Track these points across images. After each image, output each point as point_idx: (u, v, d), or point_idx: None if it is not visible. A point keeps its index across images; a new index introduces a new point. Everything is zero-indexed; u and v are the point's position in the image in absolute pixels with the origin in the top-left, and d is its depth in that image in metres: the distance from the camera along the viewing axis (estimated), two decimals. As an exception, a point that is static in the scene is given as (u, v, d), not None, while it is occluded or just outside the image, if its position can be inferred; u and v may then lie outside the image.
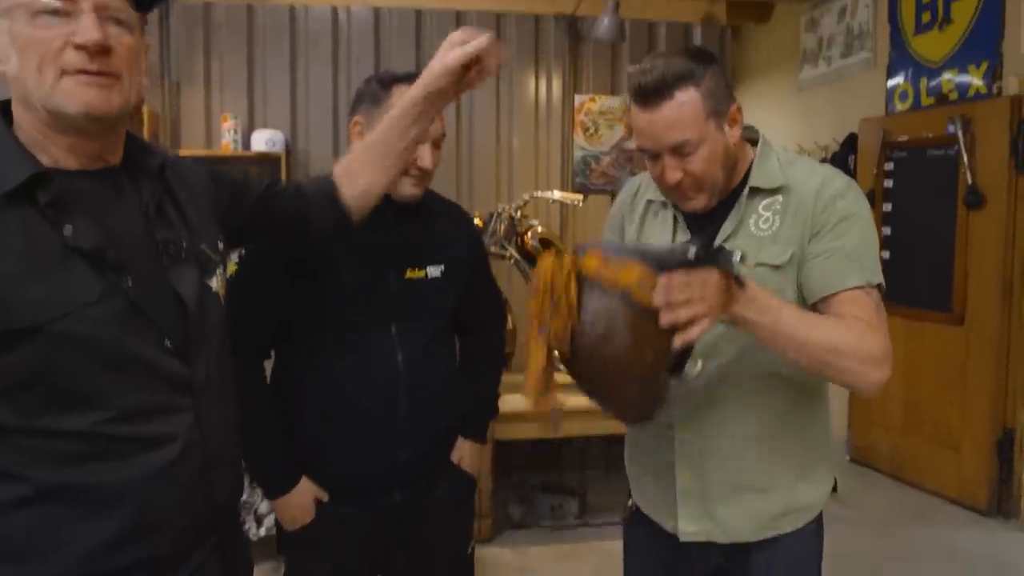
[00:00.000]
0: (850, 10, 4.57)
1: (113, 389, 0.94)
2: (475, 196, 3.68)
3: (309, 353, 1.62)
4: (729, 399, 1.30)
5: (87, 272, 0.91)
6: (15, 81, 0.93)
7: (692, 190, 1.26)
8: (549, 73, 3.76)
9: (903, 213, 3.98)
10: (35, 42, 0.91)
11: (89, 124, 0.95)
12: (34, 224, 0.89)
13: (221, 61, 3.56)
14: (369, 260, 1.60)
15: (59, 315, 0.89)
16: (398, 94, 1.55)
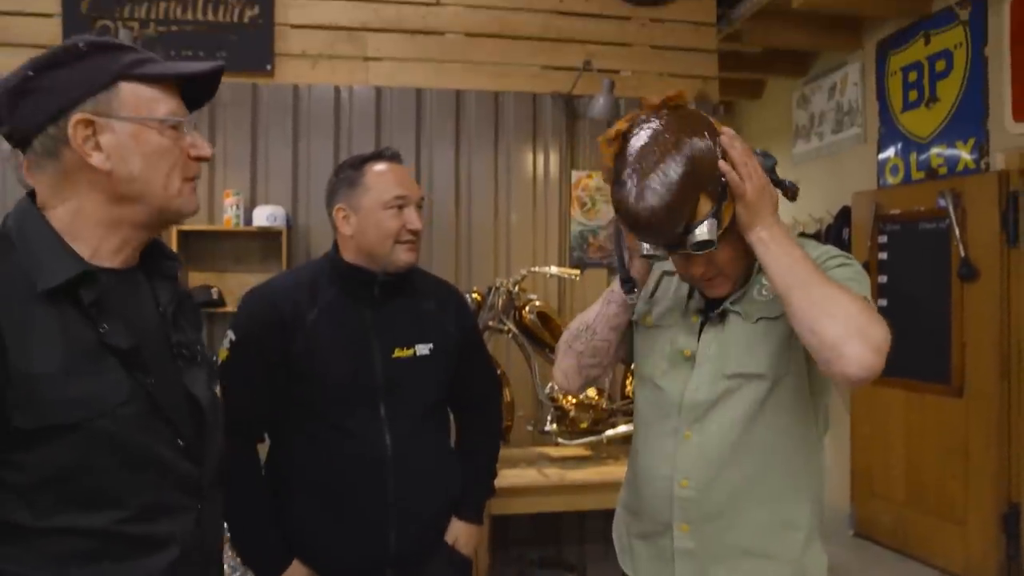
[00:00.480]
0: (839, 88, 4.71)
1: (131, 488, 0.95)
2: (473, 271, 3.71)
3: (299, 435, 1.63)
4: (735, 458, 1.31)
5: (119, 371, 0.94)
6: (121, 181, 0.97)
7: (716, 278, 1.32)
8: (547, 150, 3.83)
9: (898, 285, 4.01)
10: (168, 151, 0.99)
11: (174, 223, 1.06)
12: (72, 321, 0.92)
13: (225, 138, 3.64)
14: (356, 340, 1.62)
15: (96, 415, 0.91)
16: (370, 172, 1.65)
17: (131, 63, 0.98)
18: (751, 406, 1.30)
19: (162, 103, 0.99)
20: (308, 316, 1.61)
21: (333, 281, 1.67)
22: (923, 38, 4.01)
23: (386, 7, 3.78)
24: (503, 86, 3.82)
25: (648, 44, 3.97)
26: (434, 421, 1.75)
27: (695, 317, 1.40)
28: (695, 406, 1.33)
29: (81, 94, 0.95)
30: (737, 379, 1.31)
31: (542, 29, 3.87)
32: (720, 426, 1.31)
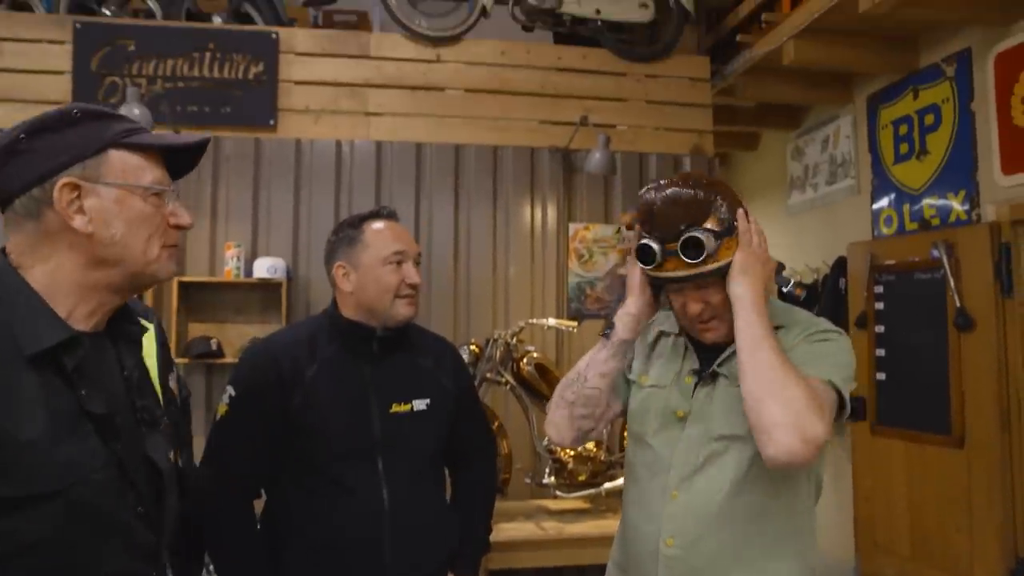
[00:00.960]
0: (832, 140, 4.79)
1: (98, 556, 0.94)
2: (472, 322, 3.73)
3: (297, 489, 1.64)
4: (720, 519, 1.32)
5: (95, 438, 0.94)
6: (101, 244, 0.98)
7: (712, 320, 1.36)
8: (544, 203, 3.89)
9: (895, 335, 4.02)
10: (150, 217, 1.02)
11: (147, 287, 1.07)
12: (54, 385, 0.92)
13: (228, 191, 3.70)
14: (354, 395, 1.65)
15: (77, 481, 0.91)
16: (368, 230, 1.69)
17: (121, 132, 1.02)
18: (737, 469, 1.32)
19: (147, 171, 1.02)
20: (307, 372, 1.63)
21: (332, 337, 1.69)
22: (912, 93, 4.10)
23: (388, 64, 3.88)
24: (502, 140, 3.90)
25: (644, 99, 4.07)
26: (431, 476, 1.76)
27: (688, 378, 1.43)
28: (683, 465, 1.36)
29: (70, 159, 0.97)
30: (723, 441, 1.33)
31: (540, 85, 3.97)
32: (707, 487, 1.33)
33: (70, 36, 3.68)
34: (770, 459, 1.18)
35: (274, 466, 1.65)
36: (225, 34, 3.81)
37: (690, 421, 1.38)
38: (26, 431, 0.88)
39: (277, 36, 3.83)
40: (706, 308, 1.35)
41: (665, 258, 1.32)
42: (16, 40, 3.67)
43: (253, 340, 3.48)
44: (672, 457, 1.37)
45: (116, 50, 3.71)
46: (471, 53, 3.95)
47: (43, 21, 3.74)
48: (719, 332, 1.38)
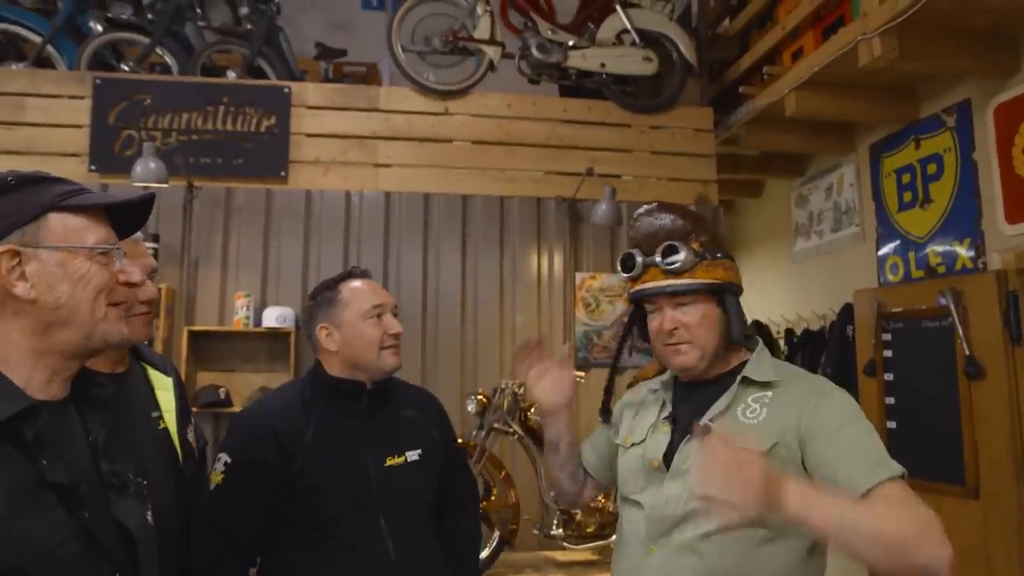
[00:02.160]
0: (836, 188, 4.84)
1: None
2: (479, 373, 3.74)
3: (298, 550, 1.64)
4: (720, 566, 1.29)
5: (57, 508, 0.91)
6: (47, 309, 0.96)
7: (684, 342, 1.38)
8: (551, 252, 3.93)
9: (905, 383, 4.00)
10: (96, 276, 0.99)
11: (111, 350, 1.03)
12: (11, 459, 0.89)
13: (239, 241, 3.76)
14: (351, 453, 1.66)
15: (36, 557, 0.88)
16: (345, 289, 1.74)
17: (60, 195, 1.00)
18: (718, 531, 1.22)
19: (91, 232, 1.01)
20: (305, 436, 1.65)
21: (322, 398, 1.71)
22: (913, 142, 4.15)
23: (396, 116, 3.97)
24: (508, 191, 3.96)
25: (648, 150, 4.14)
26: (429, 526, 1.78)
27: (664, 427, 1.43)
28: (662, 520, 1.34)
29: (7, 227, 0.96)
30: None
31: (546, 137, 4.04)
32: (684, 546, 1.30)
33: (90, 91, 3.79)
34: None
35: (273, 531, 1.65)
36: (238, 88, 3.91)
37: (670, 475, 1.36)
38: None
39: (289, 90, 3.93)
40: (679, 328, 1.38)
41: (645, 270, 1.41)
42: (39, 95, 3.77)
43: (262, 389, 3.49)
44: (652, 510, 1.36)
45: (133, 104, 3.81)
46: (478, 106, 4.03)
47: (65, 77, 3.86)
48: (689, 357, 1.39)
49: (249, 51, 4.13)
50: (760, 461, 1.06)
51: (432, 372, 3.72)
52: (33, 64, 3.98)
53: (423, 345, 3.76)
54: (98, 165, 3.76)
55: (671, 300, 1.39)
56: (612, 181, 3.93)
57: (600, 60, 4.04)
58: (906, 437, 3.95)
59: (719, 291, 1.41)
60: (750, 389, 1.38)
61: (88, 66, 3.94)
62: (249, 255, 3.75)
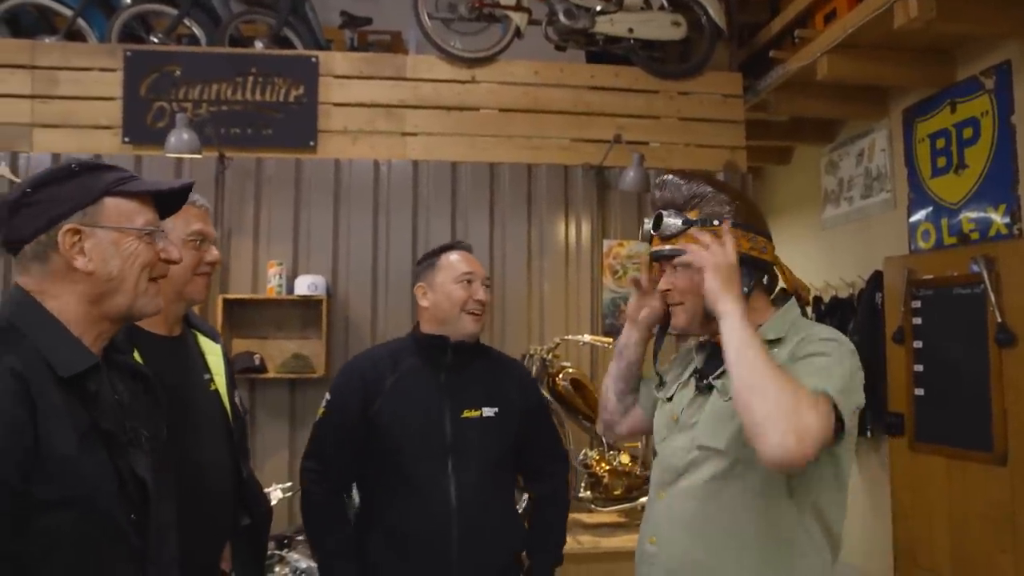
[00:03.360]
0: (867, 154, 4.77)
1: (104, 559, 1.05)
2: (507, 339, 3.78)
3: (378, 486, 1.87)
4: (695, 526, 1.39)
5: (102, 452, 1.08)
6: (101, 280, 1.11)
7: (676, 304, 1.48)
8: (578, 220, 3.94)
9: (934, 351, 3.97)
10: (143, 254, 1.14)
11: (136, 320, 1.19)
12: (75, 406, 1.05)
13: (270, 211, 3.81)
14: (429, 400, 1.86)
15: (95, 491, 1.03)
16: (444, 257, 1.95)
17: (115, 181, 1.15)
18: (711, 480, 1.38)
19: (140, 215, 1.16)
20: (388, 380, 1.90)
21: (413, 351, 1.96)
22: (949, 106, 4.07)
23: (423, 85, 3.97)
24: (536, 159, 3.96)
25: (676, 116, 4.10)
26: (499, 480, 1.93)
27: (691, 385, 1.53)
28: (669, 468, 1.45)
29: (71, 208, 1.11)
30: (704, 451, 1.40)
31: (573, 103, 4.02)
32: (685, 492, 1.41)
33: (121, 64, 3.84)
34: (765, 457, 1.19)
35: (362, 464, 1.90)
36: (267, 59, 3.93)
37: (678, 428, 1.47)
38: (62, 445, 1.01)
39: (317, 60, 3.94)
40: (672, 290, 1.47)
41: (651, 236, 1.50)
42: (71, 69, 3.83)
43: (295, 356, 3.58)
44: (664, 459, 1.48)
45: (163, 76, 3.85)
46: (505, 73, 4.02)
47: (96, 50, 3.90)
48: (680, 319, 1.49)
49: (275, 21, 4.13)
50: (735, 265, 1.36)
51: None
52: (64, 37, 4.03)
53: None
54: (131, 137, 3.81)
55: (670, 263, 1.47)
56: (640, 148, 3.91)
57: (628, 25, 3.99)
58: (934, 404, 3.94)
59: None
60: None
61: (118, 38, 3.97)
62: (280, 224, 3.80)
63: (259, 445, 3.61)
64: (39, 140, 3.78)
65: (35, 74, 3.81)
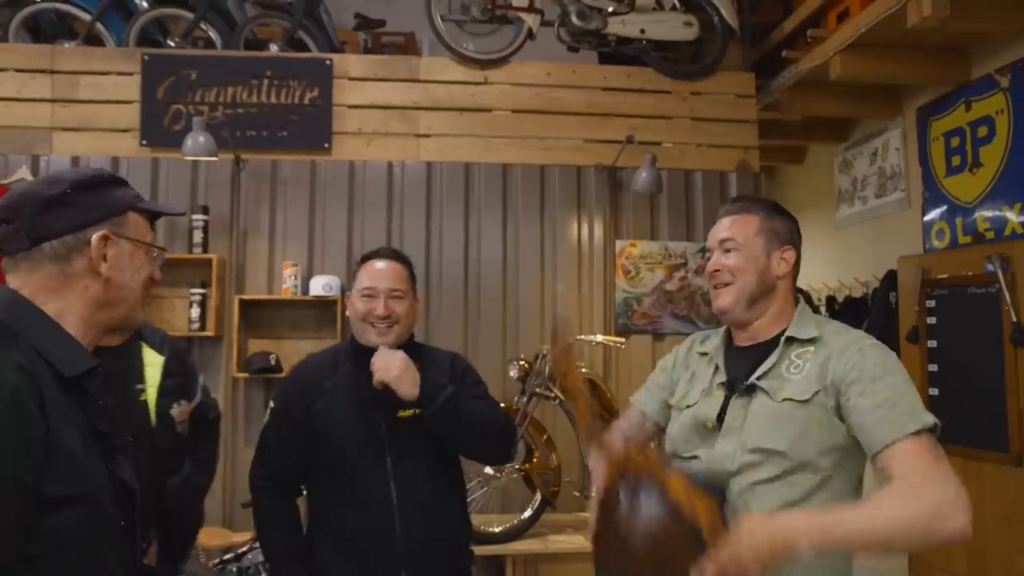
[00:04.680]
0: (881, 153, 4.75)
1: (99, 561, 1.06)
2: (521, 339, 3.80)
3: (321, 485, 1.92)
4: None
5: (98, 454, 1.09)
6: (113, 287, 1.15)
7: (723, 284, 1.51)
8: (591, 220, 3.95)
9: (949, 350, 3.96)
10: (145, 268, 1.21)
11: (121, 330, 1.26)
12: (74, 406, 1.07)
13: (285, 212, 3.85)
14: (365, 402, 1.88)
15: (96, 489, 1.05)
16: (363, 268, 1.98)
17: (134, 197, 1.23)
18: (767, 480, 1.36)
19: (148, 232, 1.24)
20: (327, 384, 1.93)
21: (348, 356, 1.99)
22: (964, 104, 4.05)
23: (437, 87, 4.00)
24: (548, 159, 3.97)
25: (689, 116, 4.10)
26: (440, 473, 1.96)
27: (718, 391, 1.50)
28: (718, 474, 1.41)
29: (105, 215, 1.16)
30: (760, 453, 1.38)
31: (585, 105, 4.04)
32: (739, 495, 1.38)
33: (139, 67, 3.89)
34: (953, 542, 1.17)
35: (306, 467, 1.94)
36: (281, 61, 3.98)
37: (723, 433, 1.44)
38: (68, 442, 1.02)
39: (331, 62, 3.98)
40: (720, 271, 1.52)
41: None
42: (91, 73, 3.88)
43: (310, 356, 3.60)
44: (708, 466, 1.44)
45: (180, 79, 3.90)
46: (518, 74, 4.04)
47: (114, 55, 3.96)
48: (725, 300, 1.51)
49: (290, 24, 4.18)
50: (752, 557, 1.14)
51: (474, 339, 3.79)
52: (83, 41, 4.09)
53: (465, 313, 3.83)
54: (149, 140, 3.87)
55: (720, 246, 1.53)
56: (652, 148, 3.91)
57: (640, 26, 4.00)
58: (948, 404, 3.93)
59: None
60: (794, 346, 1.46)
61: (136, 43, 4.03)
62: (295, 225, 3.84)
63: (275, 444, 3.66)
64: (59, 143, 3.84)
65: (55, 78, 3.87)
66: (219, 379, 3.63)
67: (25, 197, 1.12)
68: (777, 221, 1.54)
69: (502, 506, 3.39)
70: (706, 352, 1.61)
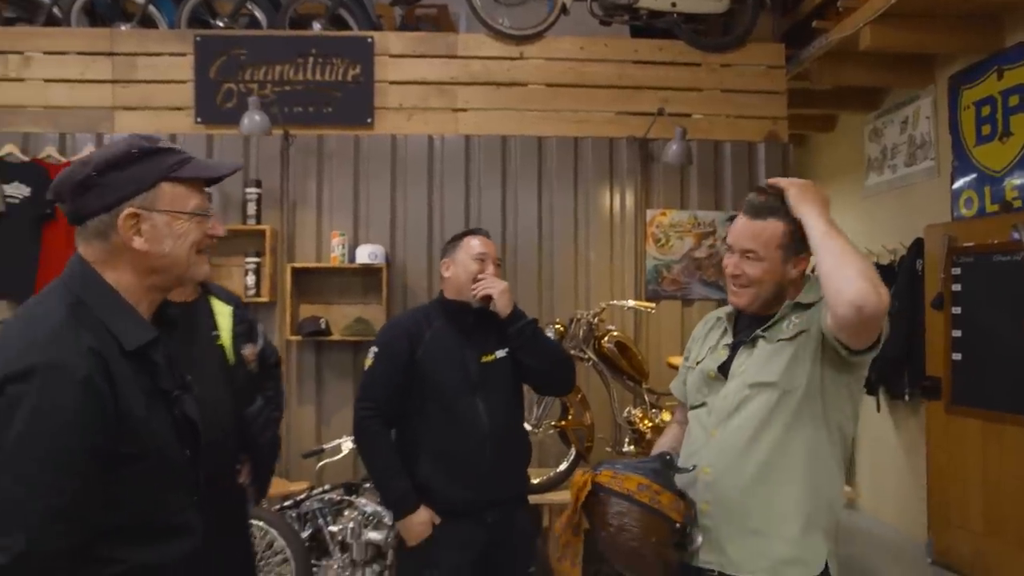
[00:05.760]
0: (911, 121, 4.80)
1: (171, 493, 1.25)
2: (555, 303, 3.99)
3: (423, 419, 2.28)
4: (747, 451, 1.63)
5: (165, 407, 1.24)
6: (154, 257, 1.24)
7: (741, 286, 1.71)
8: (623, 190, 4.10)
9: (973, 316, 4.06)
10: (192, 233, 1.28)
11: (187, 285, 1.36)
12: (139, 370, 1.20)
13: (331, 184, 4.06)
14: (456, 350, 2.32)
15: (164, 443, 1.23)
16: (466, 241, 2.39)
17: (170, 166, 1.24)
18: (763, 410, 1.62)
19: (191, 197, 1.26)
20: (426, 334, 2.33)
21: (440, 313, 2.40)
22: (996, 73, 4.08)
23: (474, 62, 4.15)
24: (581, 132, 4.12)
25: (719, 88, 4.20)
26: (514, 406, 2.40)
27: (723, 350, 1.77)
28: (722, 411, 1.68)
29: (131, 192, 1.21)
30: (756, 387, 1.65)
31: (617, 78, 4.16)
32: (738, 425, 1.65)
33: (191, 48, 4.10)
34: (848, 298, 1.44)
35: (406, 402, 2.29)
36: (326, 40, 4.15)
37: (731, 377, 1.70)
38: (135, 408, 1.16)
39: (373, 40, 4.15)
40: (741, 276, 1.68)
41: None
42: (147, 55, 4.11)
43: (358, 320, 3.85)
44: (712, 406, 1.71)
45: (231, 59, 4.10)
46: (552, 49, 4.17)
47: (168, 37, 4.17)
48: (742, 299, 1.71)
49: (331, 2, 4.34)
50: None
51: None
52: (138, 23, 4.30)
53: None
54: (203, 117, 4.09)
55: (743, 253, 1.70)
56: (682, 120, 4.03)
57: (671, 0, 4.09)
58: (971, 368, 4.04)
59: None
60: (797, 309, 1.68)
61: (187, 24, 4.23)
62: (341, 197, 4.05)
63: (325, 401, 3.93)
64: (120, 122, 4.09)
65: (115, 60, 4.10)
66: (274, 342, 3.88)
67: (62, 179, 1.23)
68: (799, 226, 1.64)
69: (539, 460, 3.60)
70: (720, 317, 1.85)
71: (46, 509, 1.06)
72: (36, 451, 1.08)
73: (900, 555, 4.48)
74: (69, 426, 1.09)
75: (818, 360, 1.61)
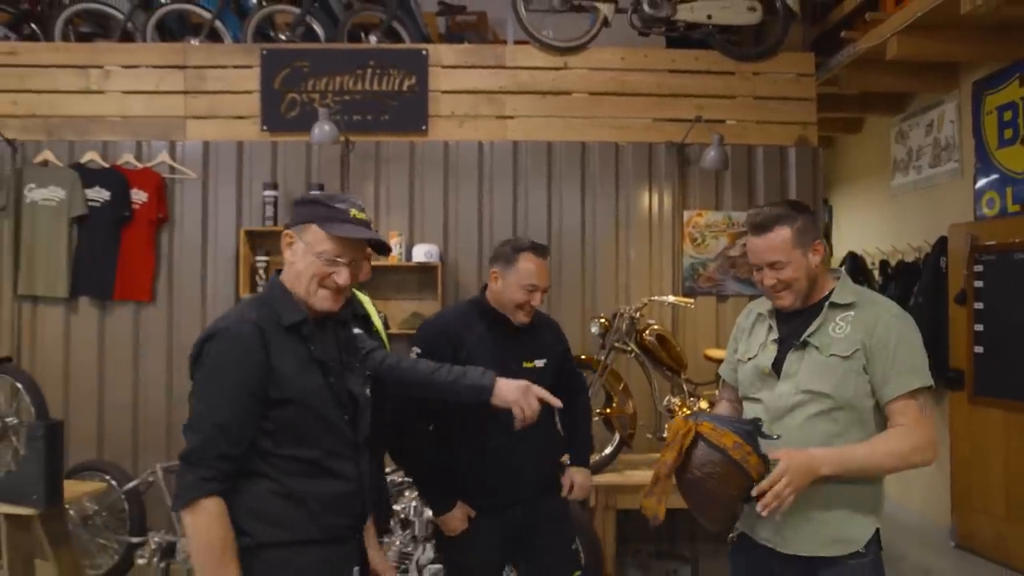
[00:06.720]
0: (936, 125, 5.00)
1: (324, 440, 1.66)
2: (598, 300, 4.27)
3: (465, 419, 2.37)
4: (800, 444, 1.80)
5: (318, 374, 1.66)
6: (293, 270, 1.68)
7: (782, 291, 1.90)
8: (661, 192, 4.36)
9: (995, 311, 4.27)
10: (312, 268, 1.67)
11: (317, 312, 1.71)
12: (297, 343, 1.65)
13: (389, 187, 4.36)
14: (500, 355, 2.39)
15: (309, 396, 1.64)
16: (523, 262, 2.39)
17: (321, 216, 1.66)
18: (815, 412, 1.81)
19: (324, 243, 1.65)
20: (468, 337, 2.39)
21: (482, 316, 2.44)
22: (1018, 79, 4.28)
23: (521, 72, 4.43)
24: (622, 137, 4.39)
25: (752, 95, 4.44)
26: (549, 410, 2.40)
27: (772, 346, 1.93)
28: (777, 409, 1.86)
29: (299, 222, 1.68)
30: (808, 394, 1.82)
31: (656, 86, 4.42)
32: (792, 424, 1.83)
33: (257, 61, 4.41)
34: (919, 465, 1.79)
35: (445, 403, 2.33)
36: (382, 52, 4.44)
37: (783, 377, 1.87)
38: (286, 368, 1.60)
39: (427, 52, 4.43)
40: (779, 283, 1.85)
41: None
42: (216, 67, 4.42)
43: (414, 314, 4.14)
44: (768, 403, 1.88)
45: (294, 71, 4.41)
46: (594, 60, 4.43)
47: (235, 50, 4.48)
48: (787, 300, 1.87)
49: (385, 15, 4.62)
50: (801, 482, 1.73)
51: (557, 300, 4.26)
52: (205, 38, 4.61)
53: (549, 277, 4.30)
54: (268, 126, 4.40)
55: (771, 266, 1.87)
56: (717, 126, 4.28)
57: (707, 12, 4.34)
58: (993, 361, 4.25)
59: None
60: (836, 310, 1.86)
61: (252, 38, 4.53)
62: (398, 199, 4.35)
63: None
64: (191, 130, 4.41)
65: (187, 73, 4.42)
66: (336, 334, 4.20)
67: None
68: (800, 221, 1.85)
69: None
70: (761, 313, 2.01)
71: (213, 424, 1.54)
72: (212, 384, 1.58)
73: (925, 539, 4.70)
74: (233, 369, 1.57)
75: (863, 374, 1.80)
